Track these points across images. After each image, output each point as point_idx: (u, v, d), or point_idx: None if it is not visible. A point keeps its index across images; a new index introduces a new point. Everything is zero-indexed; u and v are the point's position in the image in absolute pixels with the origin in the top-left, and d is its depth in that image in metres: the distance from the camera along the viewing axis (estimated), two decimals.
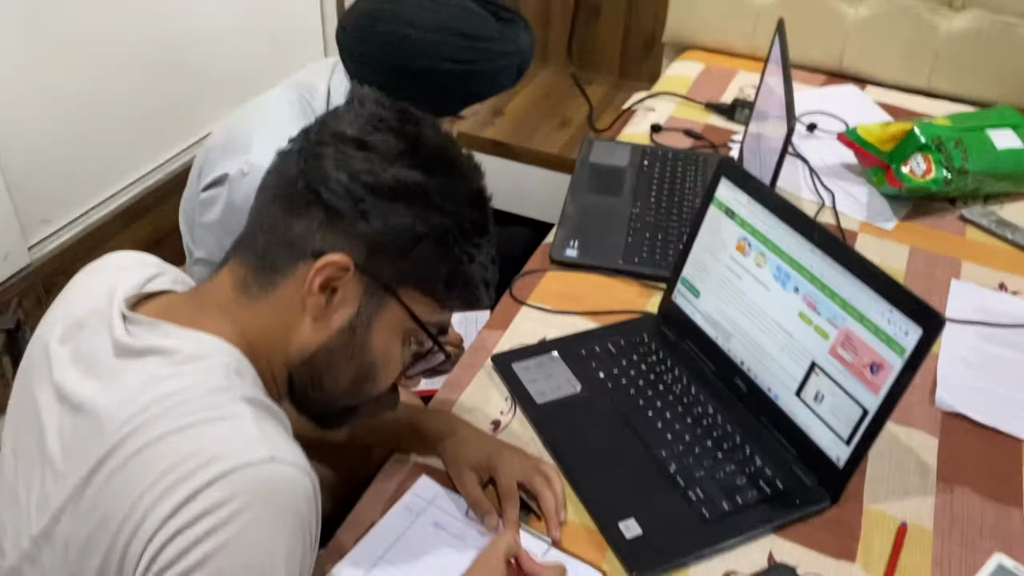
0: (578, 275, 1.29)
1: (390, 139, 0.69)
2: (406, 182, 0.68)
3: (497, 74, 1.17)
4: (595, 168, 1.53)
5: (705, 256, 1.13)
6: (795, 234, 1.00)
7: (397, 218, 0.68)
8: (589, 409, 1.05)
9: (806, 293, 0.98)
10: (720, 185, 1.10)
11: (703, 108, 1.75)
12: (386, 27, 1.13)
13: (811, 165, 1.56)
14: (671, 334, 1.17)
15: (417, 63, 1.13)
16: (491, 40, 1.14)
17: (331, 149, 0.69)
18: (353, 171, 0.68)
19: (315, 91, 1.26)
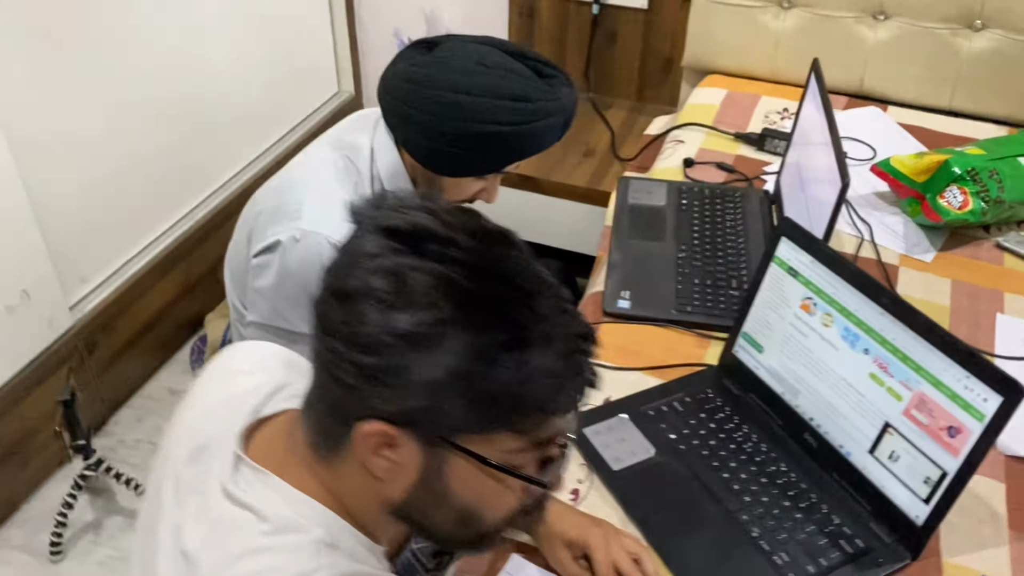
0: (632, 327, 1.30)
1: (417, 278, 0.61)
2: (433, 321, 0.60)
3: (544, 133, 1.19)
4: (635, 210, 1.54)
5: (767, 313, 1.15)
6: (863, 297, 1.02)
7: (431, 369, 0.60)
8: (665, 473, 1.07)
9: (877, 355, 1.01)
10: (780, 244, 1.12)
11: (732, 139, 1.77)
12: (435, 92, 1.14)
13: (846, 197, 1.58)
14: (734, 388, 1.19)
15: (466, 127, 1.14)
16: (539, 101, 1.16)
17: (359, 304, 0.62)
18: (394, 329, 0.60)
19: (359, 151, 1.27)
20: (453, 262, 0.62)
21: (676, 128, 1.83)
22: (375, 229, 0.64)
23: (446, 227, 0.64)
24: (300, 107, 2.40)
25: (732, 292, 1.35)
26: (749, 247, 1.45)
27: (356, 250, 0.64)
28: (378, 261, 0.63)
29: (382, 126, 1.28)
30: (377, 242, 0.64)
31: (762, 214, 1.54)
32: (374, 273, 0.62)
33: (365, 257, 0.63)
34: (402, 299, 0.61)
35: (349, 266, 0.64)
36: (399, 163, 1.27)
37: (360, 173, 1.26)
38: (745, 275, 1.39)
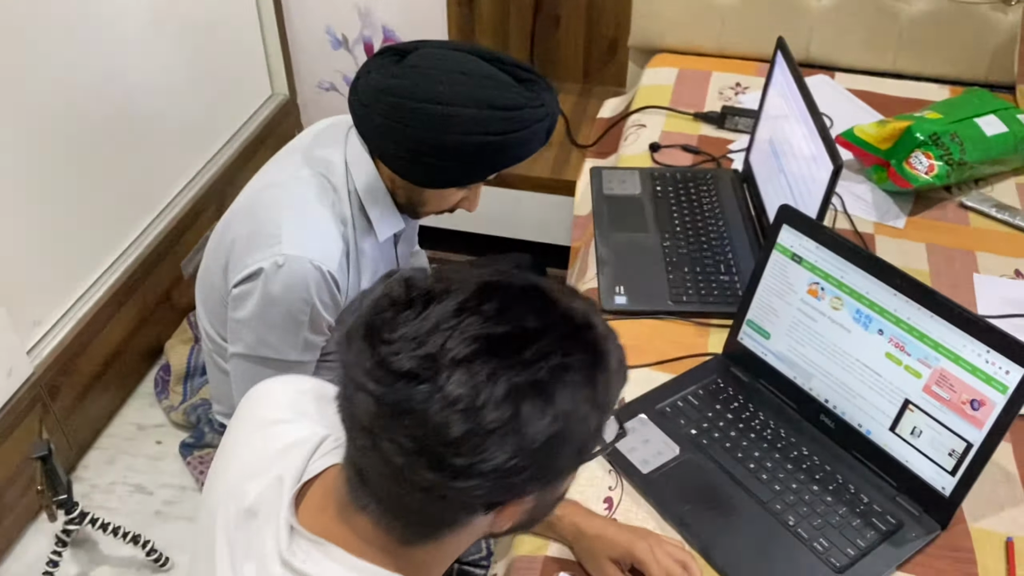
0: (632, 323, 1.30)
1: (496, 408, 0.59)
2: (534, 434, 0.60)
3: (530, 140, 1.17)
4: (612, 201, 1.54)
5: (772, 299, 1.16)
6: (873, 279, 1.03)
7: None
8: (694, 470, 1.08)
9: (892, 335, 1.03)
10: (782, 231, 1.13)
11: (692, 119, 1.78)
12: (416, 104, 1.11)
13: None
14: (743, 375, 1.20)
15: (452, 139, 1.12)
16: (522, 108, 1.14)
17: (450, 453, 0.59)
18: (489, 466, 0.59)
19: (332, 167, 1.24)
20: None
21: (635, 112, 1.82)
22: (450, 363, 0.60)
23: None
24: (235, 114, 2.30)
25: (723, 278, 1.36)
26: (730, 230, 1.46)
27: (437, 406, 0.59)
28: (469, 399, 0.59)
29: (354, 138, 1.24)
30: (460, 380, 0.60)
31: (735, 194, 1.55)
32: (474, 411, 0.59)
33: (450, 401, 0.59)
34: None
35: (466, 374, 0.59)
36: (376, 176, 1.24)
37: (336, 190, 1.23)
38: (732, 259, 1.40)
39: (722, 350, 1.24)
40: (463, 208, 1.30)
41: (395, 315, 0.62)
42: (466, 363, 0.59)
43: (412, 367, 0.59)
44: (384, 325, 0.62)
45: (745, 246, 1.42)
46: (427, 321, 0.61)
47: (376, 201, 1.25)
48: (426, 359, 0.59)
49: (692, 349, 1.26)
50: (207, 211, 2.14)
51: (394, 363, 0.60)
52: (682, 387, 1.19)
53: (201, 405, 1.85)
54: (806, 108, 1.29)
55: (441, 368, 0.59)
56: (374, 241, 1.28)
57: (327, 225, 1.21)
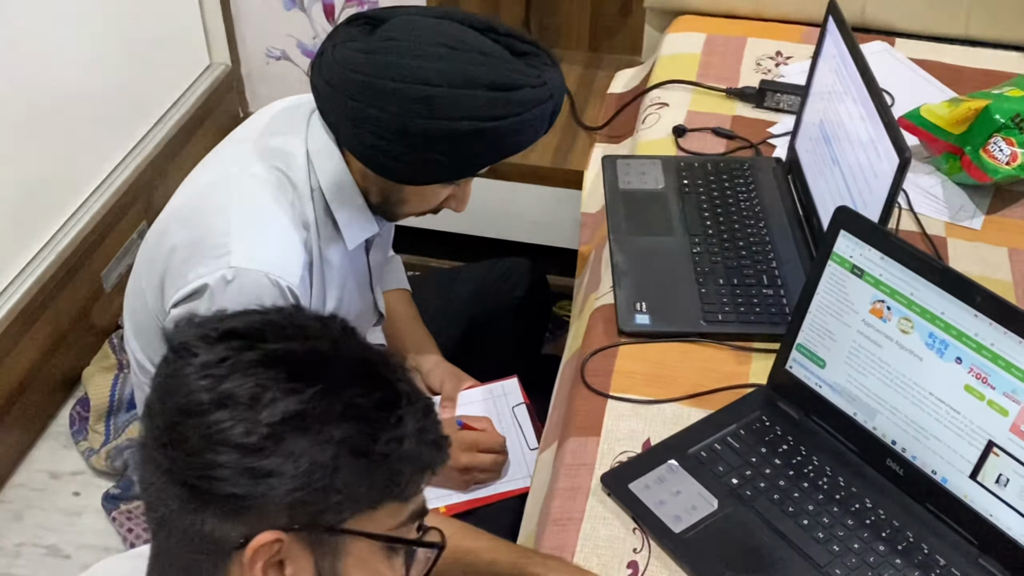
0: (657, 347, 1.31)
1: (242, 380, 0.70)
2: (285, 418, 0.69)
3: (530, 126, 1.18)
4: (630, 197, 1.55)
5: (827, 320, 1.17)
6: (950, 297, 1.05)
7: (298, 460, 0.69)
8: (736, 528, 1.09)
9: (972, 364, 1.04)
10: (839, 239, 1.14)
11: (725, 96, 1.79)
12: (393, 84, 1.12)
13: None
14: (792, 411, 1.22)
15: (436, 125, 1.13)
16: (521, 88, 1.15)
17: (190, 428, 0.70)
18: (230, 443, 0.69)
19: (291, 159, 1.25)
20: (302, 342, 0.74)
21: (654, 87, 1.84)
22: (201, 339, 0.73)
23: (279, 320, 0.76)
24: (165, 89, 2.31)
25: (766, 292, 1.38)
26: (773, 233, 1.48)
27: (183, 368, 0.72)
28: (218, 367, 0.71)
29: (317, 125, 1.25)
30: (210, 351, 0.72)
31: (779, 188, 1.57)
32: (217, 376, 0.71)
33: (199, 368, 0.71)
34: (262, 394, 0.70)
35: (191, 372, 0.71)
36: (344, 171, 1.25)
37: (296, 188, 1.23)
38: (776, 267, 1.42)
39: (767, 381, 1.25)
40: (449, 208, 1.31)
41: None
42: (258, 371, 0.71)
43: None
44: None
45: (792, 253, 1.44)
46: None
47: (344, 201, 1.25)
48: (238, 373, 0.71)
49: (731, 380, 1.27)
50: (133, 208, 2.14)
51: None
52: (719, 426, 1.20)
53: (129, 447, 1.85)
54: (864, 85, 1.30)
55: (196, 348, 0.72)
56: (342, 249, 1.29)
57: (285, 230, 1.21)
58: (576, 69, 2.26)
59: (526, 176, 2.02)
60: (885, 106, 1.24)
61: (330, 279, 1.28)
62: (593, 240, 1.63)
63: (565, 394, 1.32)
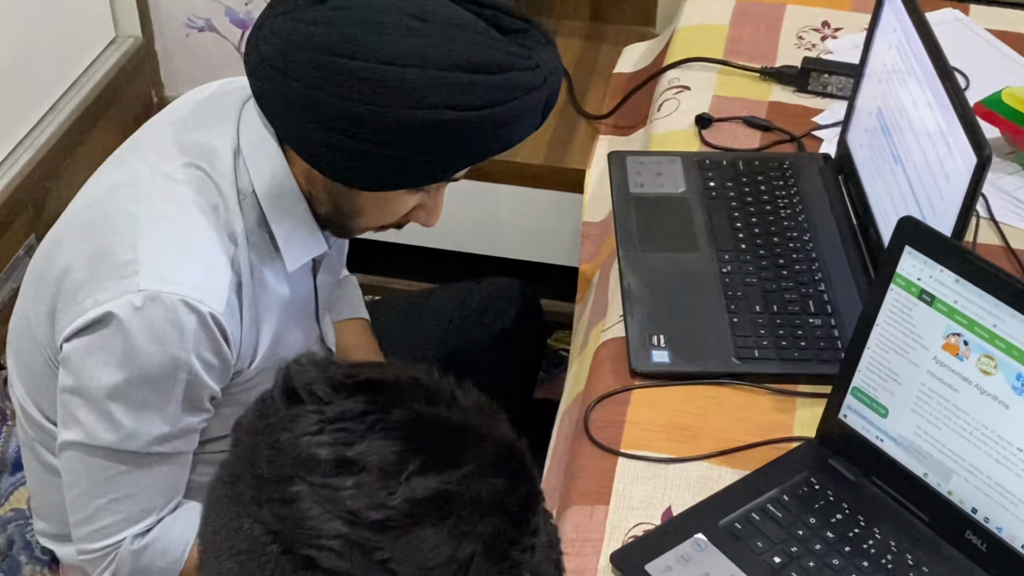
0: (679, 391, 1.32)
1: (380, 443, 0.72)
2: (427, 497, 0.71)
3: (518, 118, 1.19)
4: (642, 205, 1.56)
5: (890, 357, 1.17)
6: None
7: (431, 552, 0.70)
8: None
9: None
10: (904, 257, 1.15)
11: (759, 78, 1.81)
12: (347, 63, 1.13)
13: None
14: (847, 471, 1.22)
15: (400, 116, 1.13)
16: (509, 71, 1.15)
17: (305, 487, 0.71)
18: (350, 512, 0.70)
19: (216, 158, 1.26)
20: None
21: (671, 67, 1.85)
22: (331, 385, 0.76)
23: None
24: (62, 68, 2.31)
25: (813, 321, 1.39)
26: (822, 248, 1.49)
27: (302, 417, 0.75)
28: (354, 423, 0.73)
29: (252, 114, 1.26)
30: (344, 402, 0.75)
31: (828, 192, 1.59)
32: (354, 433, 0.73)
33: (316, 401, 0.75)
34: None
35: (312, 420, 0.74)
36: (285, 173, 1.25)
37: (222, 193, 1.24)
38: (825, 292, 1.43)
39: (816, 433, 1.26)
40: (416, 221, 1.32)
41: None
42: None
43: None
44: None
45: (845, 274, 1.45)
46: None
47: (285, 211, 1.26)
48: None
49: (771, 432, 1.27)
50: (19, 218, 2.13)
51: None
52: (758, 491, 1.20)
53: (15, 520, 1.84)
54: (931, 63, 1.31)
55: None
56: (281, 269, 1.29)
57: (207, 245, 1.22)
58: (575, 43, 2.27)
59: (513, 177, 2.03)
60: (958, 90, 1.26)
61: (265, 307, 1.29)
62: (598, 257, 1.64)
63: (565, 451, 1.32)
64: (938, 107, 1.29)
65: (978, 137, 1.19)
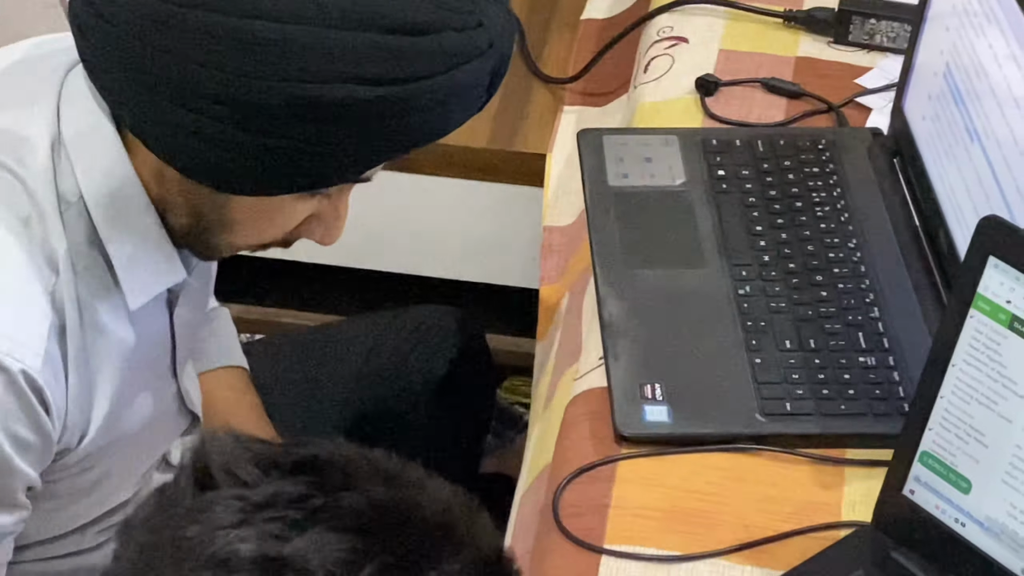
0: (684, 460, 1.33)
1: (324, 537, 0.74)
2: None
3: (454, 98, 1.20)
4: (626, 202, 1.56)
5: (972, 409, 1.17)
6: None
7: None
8: None
9: None
10: (988, 271, 1.15)
11: (781, 24, 1.82)
12: (220, 20, 1.12)
13: None
14: (916, 567, 1.22)
15: (291, 92, 1.13)
16: (441, 31, 1.16)
17: None
18: None
19: (26, 150, 1.26)
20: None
21: (660, 11, 1.86)
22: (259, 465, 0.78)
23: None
24: None
25: (864, 360, 1.39)
26: (870, 257, 1.51)
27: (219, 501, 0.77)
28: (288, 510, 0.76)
29: (79, 88, 1.27)
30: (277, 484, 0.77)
31: (879, 181, 1.59)
32: (287, 523, 0.75)
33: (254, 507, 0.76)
34: None
35: (230, 504, 0.76)
36: (124, 171, 1.26)
37: (35, 200, 1.24)
38: (879, 319, 1.43)
39: (872, 517, 1.26)
40: (310, 237, 1.32)
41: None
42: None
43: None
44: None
45: (906, 294, 1.46)
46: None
47: (125, 225, 1.26)
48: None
49: (812, 515, 1.28)
50: None
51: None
52: None
53: None
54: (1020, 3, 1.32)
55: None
56: (122, 305, 1.29)
57: (16, 276, 1.22)
58: None
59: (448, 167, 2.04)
60: None
61: (101, 357, 1.28)
62: (565, 276, 1.65)
63: (527, 548, 1.33)
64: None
65: None
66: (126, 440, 1.34)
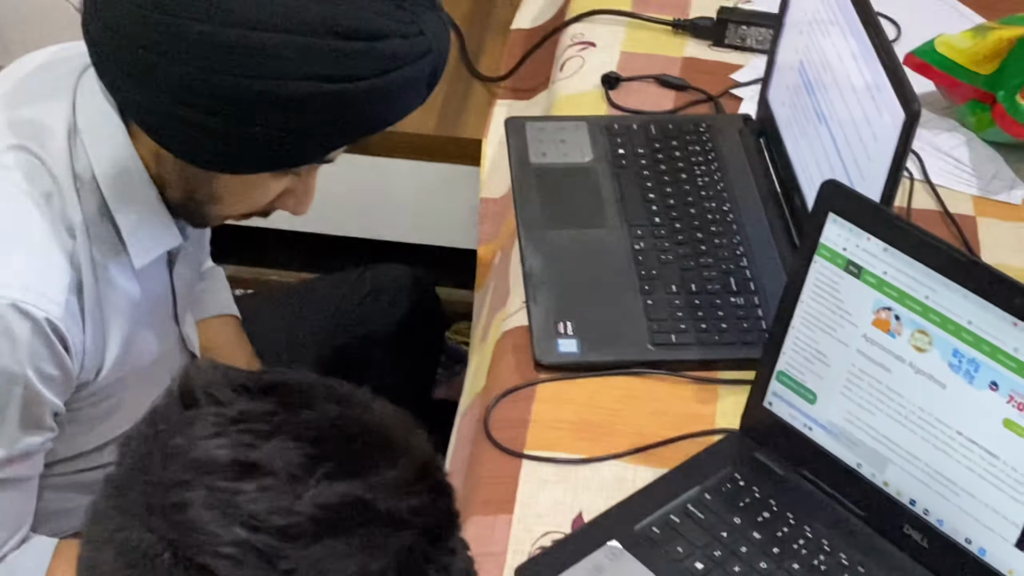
0: (590, 383, 1.34)
1: (285, 444, 0.75)
2: (335, 503, 0.74)
3: (399, 93, 1.20)
4: (545, 176, 1.58)
5: (817, 337, 1.21)
6: (979, 300, 1.09)
7: (338, 563, 0.73)
8: None
9: (1013, 389, 1.08)
10: (828, 225, 1.18)
11: (671, 31, 1.84)
12: (201, 27, 1.12)
13: None
14: (775, 464, 1.25)
15: (262, 88, 1.13)
16: (386, 38, 1.16)
17: (200, 491, 0.73)
18: (252, 516, 0.72)
19: (48, 136, 1.25)
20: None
21: (574, 20, 1.87)
22: (233, 388, 0.79)
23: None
24: None
25: (734, 301, 1.42)
26: (741, 217, 1.53)
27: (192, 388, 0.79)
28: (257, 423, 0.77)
29: (91, 87, 1.26)
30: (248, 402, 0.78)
31: (748, 156, 1.62)
32: (255, 433, 0.76)
33: (213, 402, 0.78)
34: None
35: (209, 421, 0.77)
36: (129, 155, 1.25)
37: (55, 178, 1.24)
38: (747, 267, 1.46)
39: (740, 424, 1.29)
40: (284, 209, 1.33)
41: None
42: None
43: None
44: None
45: (769, 246, 1.49)
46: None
47: (130, 198, 1.26)
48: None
49: (691, 425, 1.30)
50: None
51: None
52: (678, 490, 1.22)
53: None
54: (856, 11, 1.34)
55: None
56: (128, 265, 1.29)
57: (41, 241, 1.22)
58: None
59: (401, 149, 2.03)
60: (884, 40, 1.29)
61: (113, 308, 1.28)
62: (497, 237, 1.66)
63: (465, 456, 1.34)
64: (863, 59, 1.32)
65: (906, 91, 1.22)
66: (136, 375, 1.34)
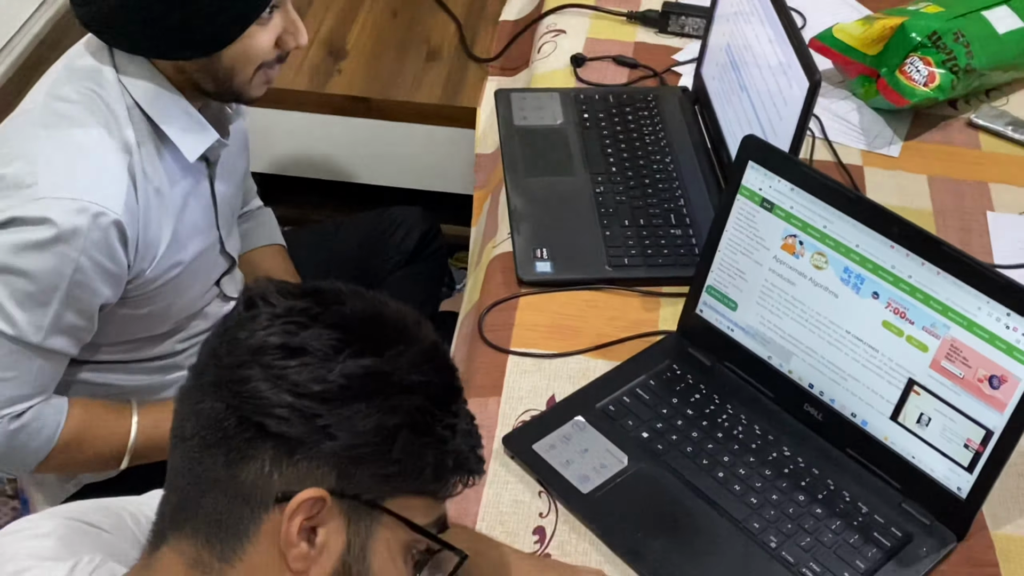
0: (560, 296, 1.34)
1: (320, 332, 0.77)
2: (359, 374, 0.76)
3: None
4: (526, 135, 1.56)
5: (737, 258, 1.20)
6: (864, 228, 1.08)
7: (363, 420, 0.76)
8: (648, 485, 1.12)
9: (890, 298, 1.08)
10: (748, 170, 1.16)
11: (625, 21, 1.81)
12: None
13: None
14: (704, 357, 1.25)
15: None
16: None
17: (256, 368, 0.76)
18: (296, 385, 0.75)
19: (101, 78, 1.24)
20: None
21: (549, 13, 1.84)
22: (281, 293, 0.81)
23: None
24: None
25: (674, 231, 1.40)
26: (681, 168, 1.51)
27: (254, 296, 0.81)
28: (299, 316, 0.78)
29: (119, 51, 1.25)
30: (292, 302, 0.80)
31: (685, 119, 1.60)
32: (298, 324, 0.78)
33: (268, 304, 0.79)
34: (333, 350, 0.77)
35: (264, 318, 0.79)
36: (156, 77, 1.25)
37: (111, 107, 1.23)
38: (684, 206, 1.44)
39: (677, 327, 1.28)
40: (290, 47, 1.28)
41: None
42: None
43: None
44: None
45: (701, 189, 1.47)
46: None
47: (167, 110, 1.25)
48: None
49: (639, 327, 1.30)
50: None
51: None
52: (628, 378, 1.22)
53: None
54: (771, 4, 1.32)
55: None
56: (176, 172, 1.28)
57: (103, 154, 1.20)
58: None
59: (412, 115, 2.01)
60: (794, 27, 1.27)
61: (162, 210, 1.26)
62: (489, 184, 1.64)
63: (463, 353, 1.33)
64: (777, 41, 1.30)
65: (810, 64, 1.20)
66: (183, 268, 1.31)
